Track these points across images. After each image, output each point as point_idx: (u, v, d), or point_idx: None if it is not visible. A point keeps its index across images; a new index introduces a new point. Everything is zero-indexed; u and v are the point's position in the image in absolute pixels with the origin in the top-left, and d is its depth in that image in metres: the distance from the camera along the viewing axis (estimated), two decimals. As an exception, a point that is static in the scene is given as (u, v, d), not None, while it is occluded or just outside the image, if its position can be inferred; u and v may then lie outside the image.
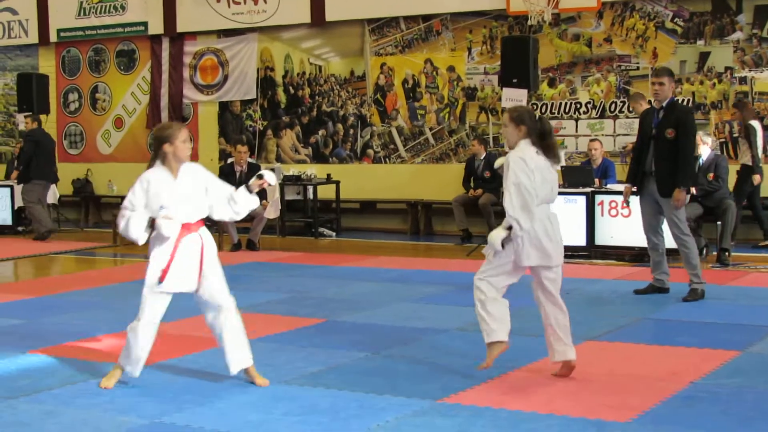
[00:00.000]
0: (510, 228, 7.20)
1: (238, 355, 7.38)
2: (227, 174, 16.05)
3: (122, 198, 7.33)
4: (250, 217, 15.84)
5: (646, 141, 10.90)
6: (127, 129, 21.96)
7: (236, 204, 7.49)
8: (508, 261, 7.35)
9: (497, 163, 7.88)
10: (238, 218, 7.72)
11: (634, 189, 11.13)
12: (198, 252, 7.30)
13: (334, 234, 18.40)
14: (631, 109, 16.47)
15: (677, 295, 10.96)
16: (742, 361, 7.88)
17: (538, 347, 8.04)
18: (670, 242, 11.13)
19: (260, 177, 7.47)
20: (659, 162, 10.65)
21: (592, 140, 16.08)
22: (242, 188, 7.50)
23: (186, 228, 7.25)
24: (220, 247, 16.03)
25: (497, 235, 7.25)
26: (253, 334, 9.01)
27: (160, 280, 7.23)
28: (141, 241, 7.27)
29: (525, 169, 7.19)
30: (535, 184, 7.19)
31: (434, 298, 11.18)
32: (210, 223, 17.91)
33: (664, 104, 10.76)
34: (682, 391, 6.97)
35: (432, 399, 6.83)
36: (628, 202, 11.65)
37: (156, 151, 7.35)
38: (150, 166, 7.36)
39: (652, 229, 10.94)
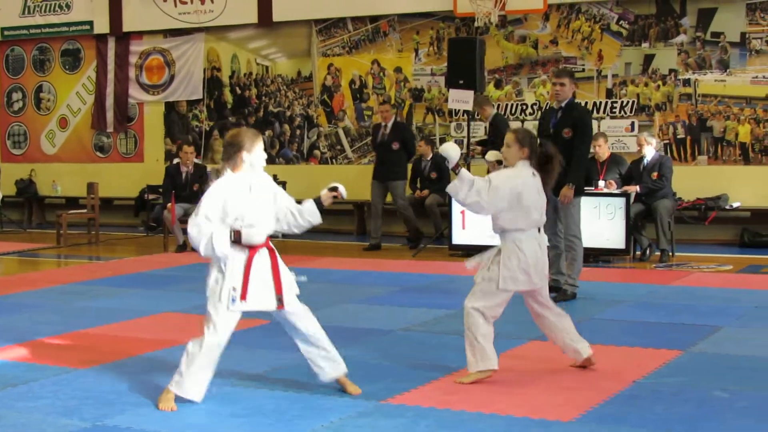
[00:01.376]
0: (458, 171, 7.31)
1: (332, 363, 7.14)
2: (173, 175, 15.98)
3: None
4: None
5: (544, 140, 10.97)
6: (72, 129, 21.78)
7: (302, 217, 7.12)
8: (506, 297, 7.38)
9: (491, 156, 7.82)
10: (298, 232, 7.29)
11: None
12: (270, 266, 6.93)
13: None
14: (477, 114, 16.59)
15: (622, 295, 11.04)
16: (685, 360, 7.94)
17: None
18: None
19: (334, 189, 7.16)
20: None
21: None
22: (310, 201, 7.14)
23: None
24: (164, 248, 16.04)
25: (455, 150, 7.36)
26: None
27: (242, 298, 6.80)
28: (226, 257, 6.75)
29: (512, 181, 7.32)
30: (494, 203, 7.27)
31: (380, 299, 11.18)
32: (155, 224, 17.97)
33: (563, 104, 10.89)
34: (626, 390, 7.00)
35: (376, 400, 6.81)
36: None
37: (229, 158, 6.85)
38: (219, 174, 6.87)
39: (551, 228, 10.99)
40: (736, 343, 8.58)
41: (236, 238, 6.71)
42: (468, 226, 14.73)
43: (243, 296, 6.77)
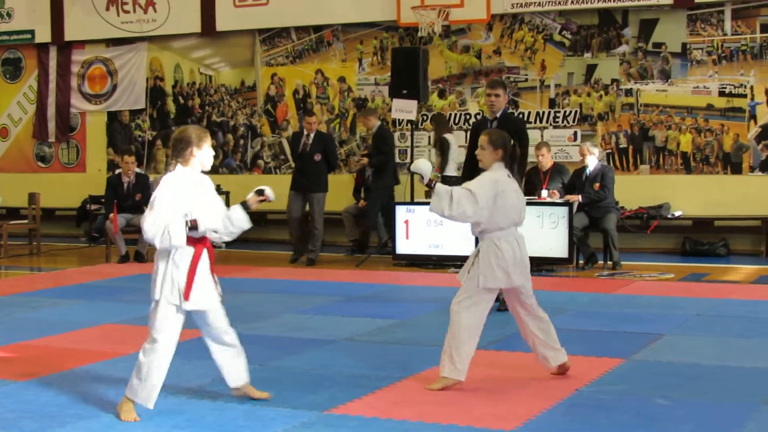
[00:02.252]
0: (433, 186, 7.38)
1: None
2: (115, 185, 15.86)
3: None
4: (138, 229, 15.62)
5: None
6: (13, 139, 21.59)
7: (232, 223, 6.98)
8: (488, 298, 7.50)
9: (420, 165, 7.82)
10: (229, 239, 7.16)
11: None
12: (209, 266, 6.87)
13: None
14: (364, 125, 16.75)
15: (565, 304, 11.09)
16: (627, 368, 7.98)
17: (427, 356, 8.08)
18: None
19: (260, 192, 7.04)
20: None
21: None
22: (238, 206, 7.01)
23: (202, 241, 6.80)
24: (107, 259, 15.92)
25: (427, 166, 7.50)
26: (138, 347, 8.92)
27: (185, 297, 6.70)
28: (183, 247, 6.61)
29: (493, 185, 7.41)
30: (477, 210, 7.35)
31: (323, 308, 11.15)
32: (98, 234, 17.83)
33: (498, 115, 10.94)
34: (568, 398, 7.03)
35: (319, 410, 6.79)
36: None
37: (179, 154, 6.77)
38: (166, 169, 6.79)
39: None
40: (678, 350, 8.64)
41: (193, 226, 6.65)
42: (412, 236, 14.74)
43: (186, 296, 6.71)
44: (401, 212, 14.86)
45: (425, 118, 17.81)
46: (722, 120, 16.31)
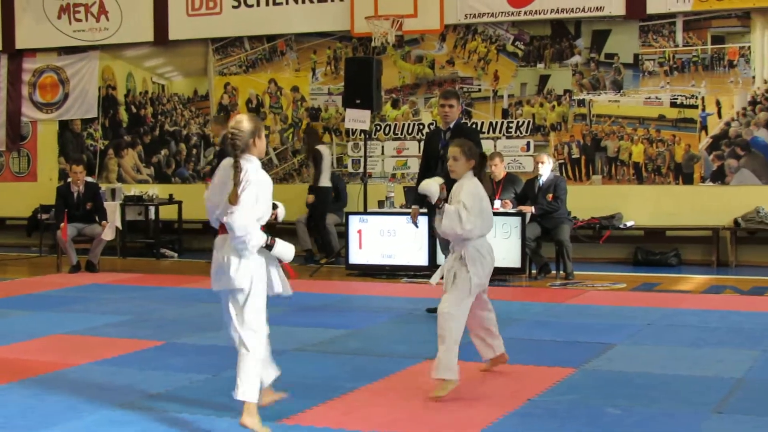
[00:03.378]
0: (442, 209, 7.69)
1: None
2: (65, 195, 15.73)
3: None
4: (90, 238, 15.58)
5: (432, 162, 11.06)
6: (-37, 148, 21.41)
7: None
8: (472, 298, 7.70)
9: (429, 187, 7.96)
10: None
11: (423, 210, 11.16)
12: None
13: (176, 255, 18.20)
14: (212, 134, 16.81)
15: (517, 314, 11.11)
16: (578, 377, 8.01)
17: (380, 366, 8.06)
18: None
19: (274, 207, 6.85)
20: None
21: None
22: None
23: None
24: (58, 269, 15.80)
25: (435, 187, 7.78)
26: (90, 357, 8.87)
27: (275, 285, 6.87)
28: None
29: (477, 195, 7.75)
30: (479, 221, 7.68)
31: (273, 319, 10.93)
32: (54, 242, 17.70)
33: (451, 125, 10.98)
34: (520, 408, 7.03)
35: (271, 420, 6.74)
36: (417, 224, 11.47)
37: (248, 145, 6.48)
38: (239, 157, 6.45)
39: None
40: (629, 360, 8.67)
41: (273, 220, 6.80)
42: (365, 246, 14.73)
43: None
44: (354, 222, 14.86)
45: (379, 128, 17.81)
46: (674, 131, 16.42)
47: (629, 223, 16.27)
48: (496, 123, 17.30)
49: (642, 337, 9.82)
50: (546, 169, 14.64)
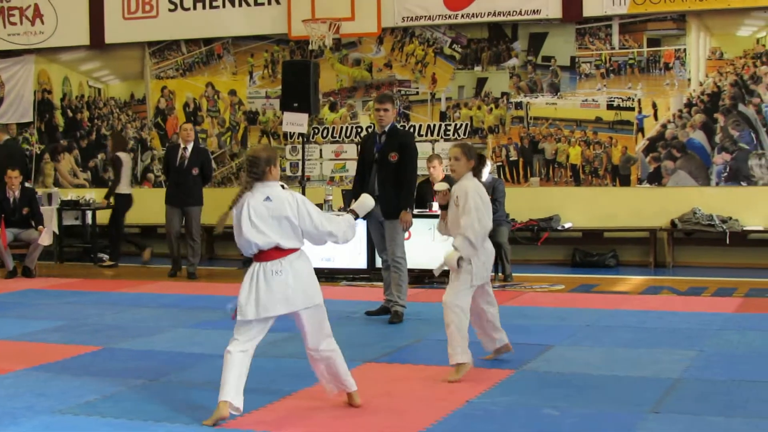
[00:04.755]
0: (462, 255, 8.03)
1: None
2: (0, 200, 15.55)
3: None
4: (27, 243, 15.42)
5: (368, 166, 11.09)
6: None
7: None
8: (473, 287, 8.16)
9: (438, 187, 8.53)
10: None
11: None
12: None
13: (110, 260, 18.02)
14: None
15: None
16: (517, 378, 8.03)
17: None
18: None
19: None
20: (383, 185, 10.89)
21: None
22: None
23: None
24: (-8, 274, 15.63)
25: (453, 256, 8.06)
26: (26, 363, 8.77)
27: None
28: None
29: (483, 196, 8.18)
30: (487, 217, 8.17)
31: (213, 323, 11.04)
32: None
33: (386, 129, 11.03)
34: (459, 410, 7.04)
35: (210, 426, 6.71)
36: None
37: (263, 172, 6.90)
38: (247, 187, 6.95)
39: (382, 249, 11.10)
40: (567, 361, 8.70)
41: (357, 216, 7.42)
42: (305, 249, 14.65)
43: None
44: (293, 226, 14.78)
45: (317, 131, 17.78)
46: (610, 133, 16.52)
47: (567, 225, 16.36)
48: (434, 126, 17.32)
49: (580, 338, 9.87)
50: (484, 172, 14.63)
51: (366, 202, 7.38)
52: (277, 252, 6.83)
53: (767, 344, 9.39)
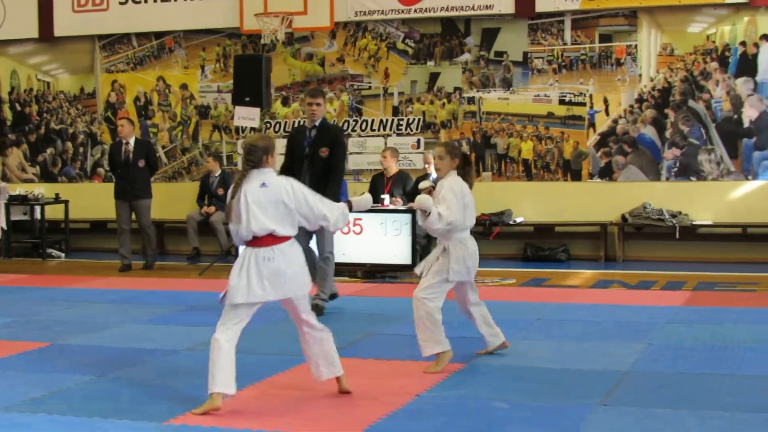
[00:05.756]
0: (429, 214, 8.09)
1: None
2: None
3: None
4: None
5: (298, 160, 11.09)
6: None
7: None
8: (449, 288, 8.34)
9: (422, 185, 8.59)
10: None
11: None
12: None
13: (63, 255, 17.91)
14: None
15: (408, 310, 11.11)
16: (467, 372, 8.05)
17: (269, 365, 8.02)
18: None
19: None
20: (314, 180, 10.87)
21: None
22: None
23: None
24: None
25: (425, 200, 8.13)
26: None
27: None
28: None
29: (459, 192, 8.22)
30: (458, 215, 8.18)
31: (164, 318, 10.99)
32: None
33: (317, 124, 11.04)
34: (408, 404, 7.03)
35: (158, 421, 6.67)
36: None
37: (260, 160, 7.06)
38: (245, 175, 7.09)
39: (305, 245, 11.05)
40: (518, 354, 8.72)
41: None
42: (255, 244, 14.63)
43: None
44: (244, 220, 14.73)
45: (269, 125, 17.72)
46: (562, 128, 16.59)
47: (519, 220, 16.40)
48: (387, 120, 17.32)
49: (531, 332, 9.90)
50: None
51: (366, 199, 7.64)
52: (271, 239, 6.96)
53: (715, 337, 9.46)
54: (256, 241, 6.97)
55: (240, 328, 7.02)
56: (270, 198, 6.96)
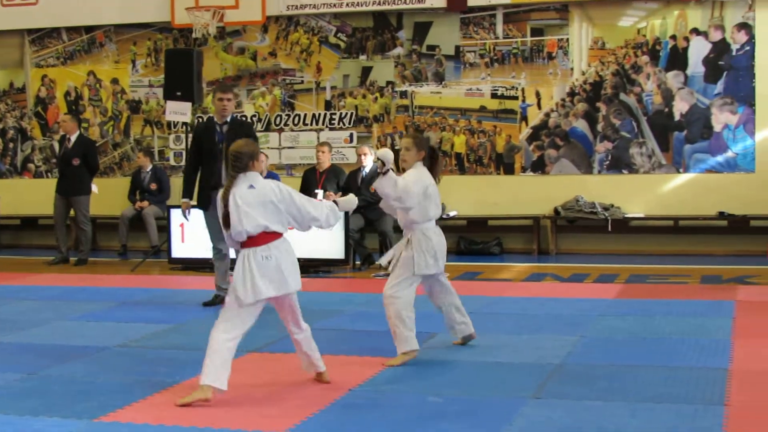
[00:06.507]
0: (387, 172, 8.03)
1: None
2: None
3: None
4: None
5: (207, 155, 11.05)
6: None
7: None
8: (418, 282, 8.39)
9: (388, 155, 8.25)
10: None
11: (193, 203, 11.26)
12: None
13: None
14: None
15: (341, 305, 11.12)
16: (401, 367, 8.03)
17: (200, 362, 7.96)
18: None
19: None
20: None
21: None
22: None
23: None
24: None
25: (386, 153, 8.03)
26: None
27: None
28: None
29: (419, 181, 8.20)
30: (411, 198, 8.15)
31: (95, 315, 10.90)
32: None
33: (228, 119, 11.03)
34: (342, 398, 7.02)
35: (89, 418, 6.60)
36: (187, 218, 11.58)
37: (246, 166, 7.22)
38: (233, 181, 7.23)
39: (220, 239, 10.97)
40: (451, 348, 8.74)
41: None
42: (187, 240, 14.57)
43: None
44: (176, 215, 14.65)
45: (201, 120, 17.62)
46: (495, 122, 16.65)
47: (452, 213, 16.43)
48: (319, 115, 17.30)
49: (464, 325, 9.90)
50: (369, 161, 14.69)
51: (351, 200, 7.79)
52: (265, 237, 7.13)
53: (647, 329, 9.54)
54: (251, 242, 7.13)
55: (245, 331, 7.19)
56: (258, 198, 7.13)
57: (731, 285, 12.47)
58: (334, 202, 7.53)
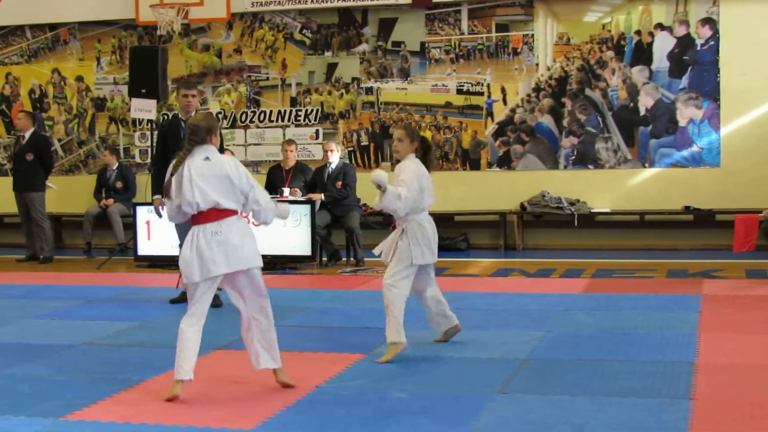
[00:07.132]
0: (385, 190, 8.14)
1: None
2: None
3: None
4: None
5: (172, 151, 11.03)
6: None
7: None
8: (414, 272, 8.38)
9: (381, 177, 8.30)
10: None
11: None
12: None
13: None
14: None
15: (307, 301, 11.11)
16: (367, 363, 8.04)
17: (167, 358, 7.94)
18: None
19: None
20: None
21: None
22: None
23: None
24: None
25: (379, 175, 8.11)
26: None
27: None
28: None
29: (417, 174, 8.30)
30: (415, 197, 8.25)
31: (61, 313, 10.85)
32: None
33: (191, 115, 11.01)
34: (307, 395, 7.01)
35: (55, 417, 6.57)
36: (160, 214, 11.51)
37: (203, 140, 7.13)
38: (188, 152, 7.14)
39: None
40: (417, 344, 8.70)
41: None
42: (153, 237, 14.53)
43: None
44: (142, 213, 14.63)
45: (166, 117, 17.55)
46: (460, 117, 16.68)
47: (419, 209, 16.41)
48: (285, 111, 17.28)
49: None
50: (335, 157, 14.69)
51: (287, 209, 7.78)
52: (216, 213, 7.01)
53: (613, 324, 9.57)
54: (201, 217, 7.02)
55: (202, 311, 7.07)
56: (214, 171, 7.03)
57: (697, 279, 12.53)
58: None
